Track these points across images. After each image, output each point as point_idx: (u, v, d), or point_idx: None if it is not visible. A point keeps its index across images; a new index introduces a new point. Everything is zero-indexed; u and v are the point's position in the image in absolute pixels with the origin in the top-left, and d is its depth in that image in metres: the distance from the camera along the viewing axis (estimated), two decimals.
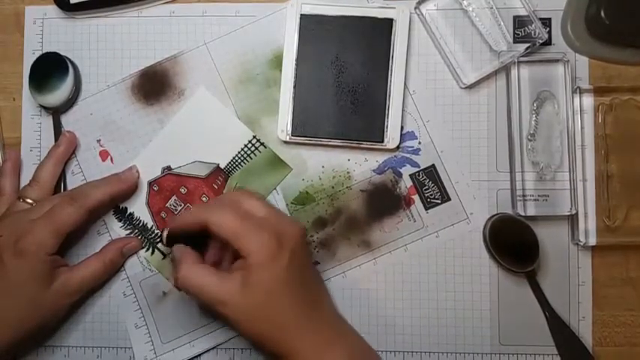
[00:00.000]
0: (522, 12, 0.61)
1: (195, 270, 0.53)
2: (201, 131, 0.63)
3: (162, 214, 0.63)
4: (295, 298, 0.53)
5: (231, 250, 0.55)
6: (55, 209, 0.57)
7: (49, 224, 0.56)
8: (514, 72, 0.61)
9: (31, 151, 0.64)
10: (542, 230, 0.61)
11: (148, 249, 0.63)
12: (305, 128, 0.61)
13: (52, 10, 0.64)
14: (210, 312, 0.61)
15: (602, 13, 0.60)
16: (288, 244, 0.52)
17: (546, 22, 0.62)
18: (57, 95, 0.62)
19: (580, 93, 0.61)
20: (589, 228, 0.61)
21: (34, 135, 0.64)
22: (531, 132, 0.61)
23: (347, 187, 0.62)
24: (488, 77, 0.62)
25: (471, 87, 0.62)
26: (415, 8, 0.62)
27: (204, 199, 0.63)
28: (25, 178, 0.62)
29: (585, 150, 0.61)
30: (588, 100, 0.61)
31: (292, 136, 0.61)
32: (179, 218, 0.58)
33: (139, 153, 0.63)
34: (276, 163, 0.62)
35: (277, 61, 0.62)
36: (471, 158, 0.62)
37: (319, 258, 0.62)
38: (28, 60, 0.64)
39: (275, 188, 0.62)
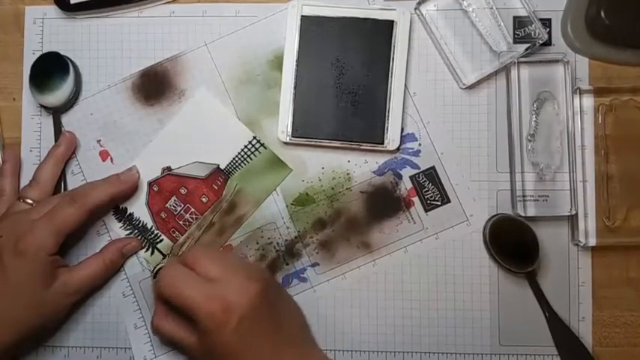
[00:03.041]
0: (522, 12, 0.61)
1: (163, 318, 0.57)
2: (201, 132, 0.63)
3: (162, 215, 0.63)
4: (252, 354, 0.53)
5: None
6: (55, 209, 0.57)
7: (49, 224, 0.56)
8: (514, 72, 0.61)
9: (31, 151, 0.64)
10: (542, 231, 0.61)
11: (147, 249, 0.63)
12: (305, 129, 0.61)
13: (52, 10, 0.64)
14: None
15: (602, 14, 0.60)
16: (236, 309, 0.52)
17: (546, 23, 0.62)
18: (57, 95, 0.62)
19: (580, 93, 0.61)
20: (589, 228, 0.61)
21: (34, 135, 0.64)
22: (531, 132, 0.61)
23: (347, 189, 0.62)
24: (488, 78, 0.62)
25: (471, 87, 0.62)
26: (415, 9, 0.62)
27: (203, 199, 0.63)
28: (25, 179, 0.62)
29: (585, 150, 0.61)
30: (588, 101, 0.61)
31: (292, 137, 0.61)
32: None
33: (139, 153, 0.63)
34: (276, 164, 0.62)
35: (278, 62, 0.62)
36: (471, 159, 0.62)
37: (319, 259, 0.62)
38: (28, 60, 0.64)
39: (275, 189, 0.62)
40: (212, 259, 0.55)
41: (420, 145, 0.62)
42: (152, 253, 0.63)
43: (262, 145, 0.63)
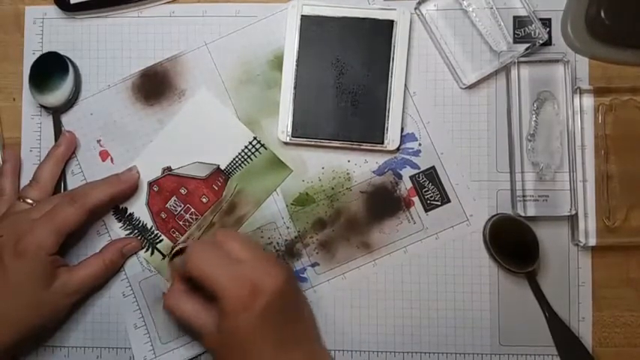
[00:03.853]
0: (522, 12, 0.61)
1: (180, 297, 0.56)
2: (201, 132, 0.63)
3: (162, 215, 0.63)
4: (268, 342, 0.52)
5: None
6: (55, 209, 0.57)
7: (49, 224, 0.56)
8: (514, 72, 0.61)
9: (31, 151, 0.64)
10: (542, 231, 0.61)
11: (147, 249, 0.63)
12: (305, 129, 0.61)
13: (52, 10, 0.64)
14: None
15: (602, 14, 0.60)
16: (263, 293, 0.52)
17: (546, 23, 0.62)
18: (57, 95, 0.62)
19: (580, 93, 0.61)
20: (589, 228, 0.61)
21: (34, 135, 0.64)
22: (531, 132, 0.61)
23: (347, 189, 0.62)
24: (488, 77, 0.62)
25: (471, 87, 0.62)
26: (415, 9, 0.62)
27: (204, 199, 0.63)
28: (25, 178, 0.62)
29: (585, 150, 0.61)
30: (588, 101, 0.61)
31: (292, 137, 0.61)
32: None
33: (139, 153, 0.63)
34: (277, 164, 0.62)
35: (278, 62, 0.62)
36: (471, 159, 0.62)
37: (319, 259, 0.62)
38: (28, 60, 0.64)
39: (275, 190, 0.62)
40: (241, 242, 0.55)
41: (420, 145, 0.62)
42: (152, 253, 0.63)
43: (262, 145, 0.63)
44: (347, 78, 0.61)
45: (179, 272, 0.57)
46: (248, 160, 0.63)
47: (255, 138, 0.63)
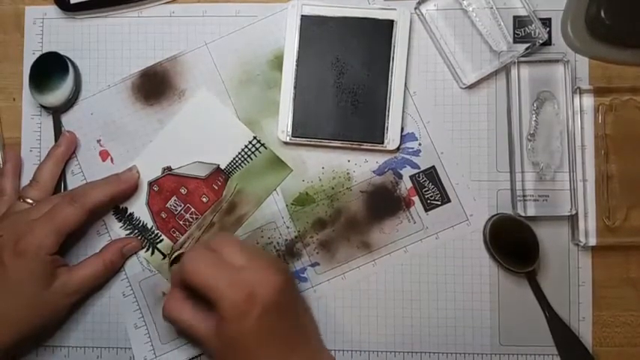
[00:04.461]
0: (522, 12, 0.61)
1: (179, 305, 0.55)
2: (201, 132, 0.63)
3: (163, 215, 0.63)
4: (268, 347, 0.52)
5: None
6: (55, 209, 0.57)
7: (49, 224, 0.56)
8: (514, 72, 0.61)
9: (31, 151, 0.64)
10: (542, 230, 0.61)
11: (147, 249, 0.63)
12: (305, 129, 0.61)
13: (52, 10, 0.64)
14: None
15: (602, 14, 0.60)
16: (260, 299, 0.51)
17: (546, 22, 0.62)
18: (57, 95, 0.62)
19: (580, 93, 0.61)
20: (589, 228, 0.61)
21: (34, 135, 0.64)
22: (531, 132, 0.61)
23: (347, 188, 0.62)
24: (488, 77, 0.62)
25: (471, 87, 0.62)
26: (415, 8, 0.62)
27: (204, 199, 0.63)
28: (26, 178, 0.62)
29: (585, 150, 0.61)
30: (588, 101, 0.61)
31: (292, 136, 0.61)
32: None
33: (139, 153, 0.63)
34: (277, 164, 0.62)
35: (278, 62, 0.62)
36: (471, 158, 0.62)
37: (319, 259, 0.62)
38: (28, 60, 0.64)
39: (275, 189, 0.62)
40: (238, 247, 0.54)
41: (420, 144, 0.62)
42: (152, 253, 0.63)
43: (262, 145, 0.63)
44: (347, 78, 0.61)
45: (177, 279, 0.56)
46: (248, 159, 0.63)
47: (255, 138, 0.63)
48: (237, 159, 0.63)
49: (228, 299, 0.51)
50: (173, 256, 0.60)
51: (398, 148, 0.61)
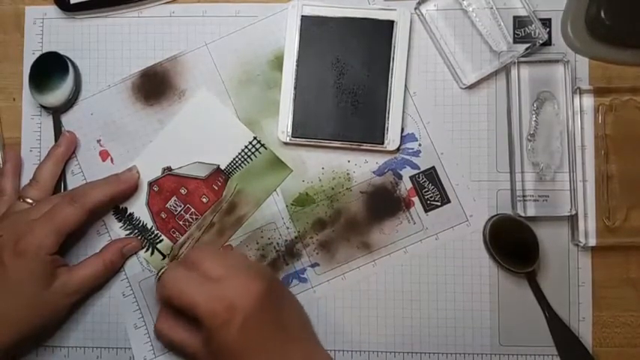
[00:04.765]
0: (522, 12, 0.61)
1: (167, 326, 0.56)
2: (201, 132, 0.63)
3: (162, 215, 0.63)
4: (258, 353, 0.52)
5: None
6: (55, 209, 0.57)
7: (49, 224, 0.56)
8: (514, 72, 0.61)
9: (31, 151, 0.64)
10: (542, 231, 0.61)
11: (147, 249, 0.63)
12: (305, 129, 0.61)
13: (52, 10, 0.64)
14: None
15: (602, 14, 0.60)
16: (241, 308, 0.51)
17: (546, 23, 0.62)
18: (57, 95, 0.62)
19: (580, 93, 0.61)
20: (589, 228, 0.61)
21: (34, 135, 0.64)
22: (531, 132, 0.61)
23: (347, 189, 0.62)
24: (488, 77, 0.62)
25: (471, 87, 0.62)
26: (415, 8, 0.62)
27: (204, 199, 0.63)
28: (26, 178, 0.62)
29: (585, 150, 0.61)
30: (588, 101, 0.61)
31: (292, 137, 0.61)
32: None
33: (139, 153, 0.63)
34: (277, 164, 0.62)
35: (278, 62, 0.62)
36: (471, 159, 0.62)
37: (319, 259, 0.62)
38: (28, 60, 0.64)
39: (275, 190, 0.62)
40: (214, 259, 0.55)
41: (420, 145, 0.62)
42: (152, 253, 0.63)
43: (262, 145, 0.63)
44: (347, 78, 0.61)
45: (162, 299, 0.56)
46: (248, 160, 0.63)
47: (255, 138, 0.63)
48: (237, 159, 0.63)
49: (208, 313, 0.51)
50: (159, 274, 0.59)
51: (398, 149, 0.61)
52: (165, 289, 0.54)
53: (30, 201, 0.59)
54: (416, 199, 0.62)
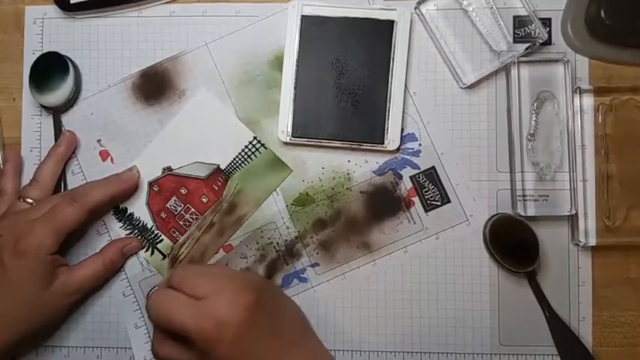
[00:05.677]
0: (522, 12, 0.61)
1: (164, 348, 0.55)
2: (201, 132, 0.63)
3: (162, 215, 0.63)
4: (255, 359, 0.52)
5: None
6: (55, 209, 0.57)
7: (49, 224, 0.56)
8: (514, 72, 0.61)
9: (31, 151, 0.64)
10: (542, 230, 0.61)
11: (147, 249, 0.63)
12: (305, 129, 0.61)
13: (52, 10, 0.64)
14: None
15: (602, 13, 0.60)
16: (230, 323, 0.51)
17: (546, 22, 0.62)
18: (57, 95, 0.62)
19: (580, 93, 0.61)
20: (589, 228, 0.61)
21: (34, 135, 0.64)
22: (531, 132, 0.61)
23: (347, 189, 0.62)
24: (488, 77, 0.62)
25: (471, 87, 0.62)
26: (415, 8, 0.62)
27: (204, 199, 0.63)
28: (26, 178, 0.62)
29: (585, 150, 0.61)
30: (588, 100, 0.61)
31: (292, 137, 0.61)
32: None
33: (140, 153, 0.63)
34: (277, 164, 0.62)
35: (278, 62, 0.62)
36: (471, 158, 0.62)
37: (319, 259, 0.62)
38: (28, 60, 0.64)
39: (275, 190, 0.62)
40: (199, 277, 0.54)
41: (420, 145, 0.62)
42: (152, 253, 0.63)
43: (263, 145, 0.63)
44: (347, 78, 0.61)
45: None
46: (248, 160, 0.63)
47: (255, 138, 0.63)
48: (237, 159, 0.63)
49: (197, 333, 0.51)
50: (148, 296, 0.59)
51: (398, 149, 0.61)
52: (152, 313, 0.53)
53: (30, 201, 0.59)
54: (416, 199, 0.62)
